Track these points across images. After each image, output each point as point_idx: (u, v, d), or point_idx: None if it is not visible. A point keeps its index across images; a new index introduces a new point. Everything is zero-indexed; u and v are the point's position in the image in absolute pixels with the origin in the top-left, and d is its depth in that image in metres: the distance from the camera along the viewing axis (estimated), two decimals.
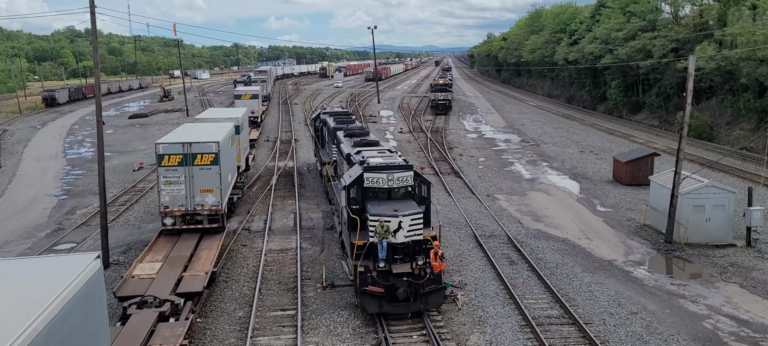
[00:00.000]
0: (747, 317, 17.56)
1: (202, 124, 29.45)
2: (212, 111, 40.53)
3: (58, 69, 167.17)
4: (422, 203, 18.75)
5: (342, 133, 27.07)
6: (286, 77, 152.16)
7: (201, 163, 22.29)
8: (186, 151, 22.20)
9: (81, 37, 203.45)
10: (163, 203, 22.39)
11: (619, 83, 66.14)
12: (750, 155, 39.72)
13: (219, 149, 22.36)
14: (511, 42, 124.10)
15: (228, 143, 25.37)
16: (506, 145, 48.70)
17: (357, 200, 18.58)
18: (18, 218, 29.58)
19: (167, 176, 22.21)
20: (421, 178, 19.28)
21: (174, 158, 22.14)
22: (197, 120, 33.29)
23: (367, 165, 18.79)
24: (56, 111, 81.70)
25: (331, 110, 38.81)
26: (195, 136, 23.29)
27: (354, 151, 22.12)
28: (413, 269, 17.01)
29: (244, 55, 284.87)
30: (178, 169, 22.22)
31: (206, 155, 22.28)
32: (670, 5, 60.21)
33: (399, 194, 18.62)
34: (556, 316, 17.49)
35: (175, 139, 23.24)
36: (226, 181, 24.51)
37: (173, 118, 68.60)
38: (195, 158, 22.23)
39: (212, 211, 22.64)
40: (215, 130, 25.58)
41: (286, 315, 17.73)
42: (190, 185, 22.33)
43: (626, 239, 24.81)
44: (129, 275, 18.29)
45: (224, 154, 23.64)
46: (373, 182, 18.32)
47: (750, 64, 42.67)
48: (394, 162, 19.25)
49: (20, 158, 45.82)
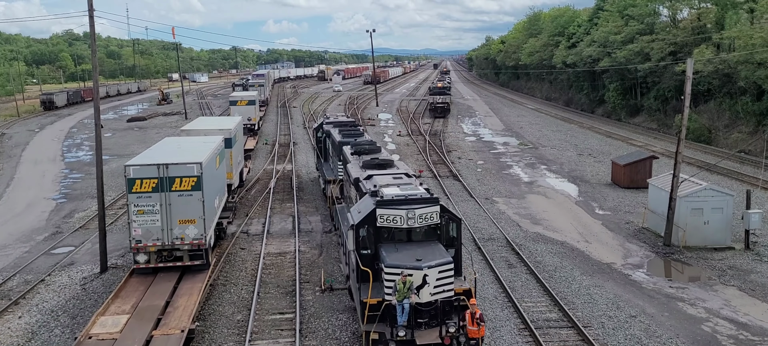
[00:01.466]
0: (746, 320, 17.56)
1: (184, 140, 25.32)
2: (202, 121, 35.72)
3: (56, 72, 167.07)
4: (451, 246, 15.39)
5: (349, 150, 23.69)
6: (284, 80, 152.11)
7: (180, 189, 18.78)
8: (162, 175, 18.64)
9: (79, 40, 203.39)
10: (134, 237, 18.87)
11: (618, 86, 66.24)
12: (748, 158, 39.78)
13: (202, 172, 18.88)
14: (509, 45, 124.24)
15: (214, 162, 21.92)
16: (505, 149, 48.73)
17: (368, 243, 15.15)
18: (16, 221, 29.53)
19: (139, 204, 18.64)
20: (450, 213, 15.73)
21: (147, 183, 18.59)
22: (183, 132, 28.88)
23: (380, 198, 15.26)
24: (54, 114, 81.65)
25: (336, 120, 35.16)
26: (173, 156, 19.85)
27: (364, 175, 18.74)
28: (443, 338, 13.68)
29: (243, 59, 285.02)
30: (152, 196, 18.66)
31: (186, 179, 18.77)
32: (668, 8, 60.34)
33: (421, 234, 15.24)
34: (555, 319, 17.47)
35: (148, 159, 19.73)
36: (212, 207, 21.09)
37: (171, 122, 68.56)
38: (173, 183, 18.72)
39: (194, 245, 19.13)
40: (199, 148, 22.01)
41: (284, 319, 17.70)
42: (167, 215, 18.82)
43: (625, 242, 24.82)
44: (85, 335, 15.04)
45: (209, 177, 20.33)
46: (388, 221, 14.87)
47: (748, 68, 42.74)
48: (415, 194, 15.47)
49: (18, 162, 45.76)
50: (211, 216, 20.55)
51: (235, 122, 31.80)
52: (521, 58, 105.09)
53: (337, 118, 36.68)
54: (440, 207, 15.34)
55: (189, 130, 29.24)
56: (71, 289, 20.20)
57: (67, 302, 19.05)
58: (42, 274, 21.57)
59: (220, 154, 24.24)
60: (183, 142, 24.46)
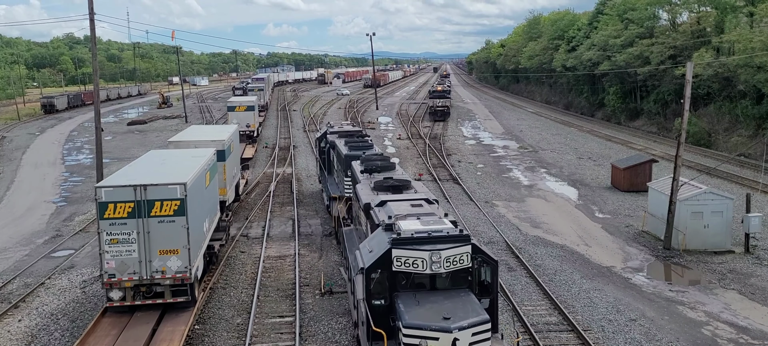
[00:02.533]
0: (746, 324, 17.55)
1: (171, 154, 22.68)
2: (193, 130, 32.08)
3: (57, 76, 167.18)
4: (484, 294, 12.75)
5: (358, 166, 20.87)
6: (283, 84, 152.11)
7: (161, 214, 16.25)
8: (139, 198, 16.07)
9: (80, 43, 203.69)
10: (106, 271, 16.30)
11: (617, 90, 66.30)
12: (748, 162, 39.79)
13: (186, 193, 16.34)
14: (509, 49, 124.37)
15: (203, 180, 19.40)
16: (504, 152, 48.75)
17: (381, 291, 12.52)
18: (16, 224, 29.54)
19: (112, 232, 16.10)
20: (483, 254, 12.76)
21: (122, 207, 16.03)
22: (171, 144, 26.09)
23: (397, 235, 12.60)
24: (55, 118, 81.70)
25: (340, 129, 32.19)
26: (153, 176, 17.35)
27: (376, 200, 15.86)
28: None
29: (243, 62, 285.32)
30: (127, 222, 16.14)
31: (168, 203, 16.27)
32: (667, 12, 60.45)
33: (448, 281, 12.53)
34: (555, 322, 17.47)
35: (123, 179, 17.04)
36: (200, 232, 18.58)
37: (172, 125, 68.59)
38: (152, 207, 16.19)
39: (177, 279, 16.59)
40: (186, 164, 19.39)
41: (284, 322, 17.70)
42: (145, 245, 16.32)
43: (625, 245, 24.82)
44: None
45: (196, 198, 17.83)
46: (407, 265, 12.24)
47: (747, 71, 42.80)
48: (440, 230, 12.64)
49: (19, 165, 45.78)
50: (198, 244, 18.00)
51: (230, 132, 28.96)
52: (521, 62, 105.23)
53: (342, 127, 33.56)
54: (472, 247, 12.50)
55: (178, 141, 26.27)
56: (71, 292, 20.20)
57: (67, 306, 19.05)
58: (42, 277, 21.57)
59: (212, 169, 21.50)
60: (169, 156, 21.81)
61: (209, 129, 34.83)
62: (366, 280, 12.37)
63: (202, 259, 19.15)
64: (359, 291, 12.36)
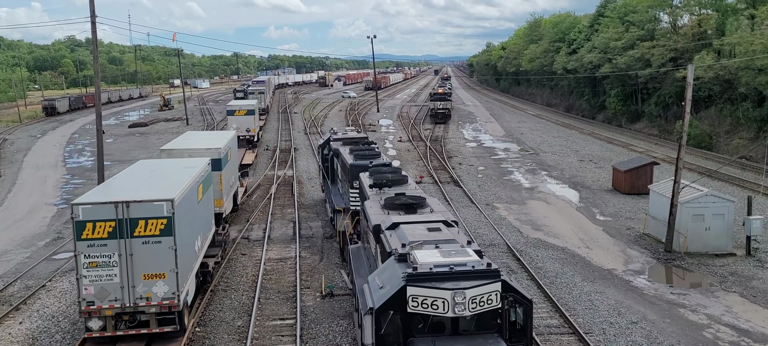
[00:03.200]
0: (747, 327, 17.52)
1: (161, 165, 21.15)
2: (188, 137, 29.70)
3: (58, 78, 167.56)
4: (516, 339, 10.95)
5: (367, 179, 18.98)
6: (283, 87, 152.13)
7: (145, 234, 14.69)
8: (121, 216, 14.50)
9: (81, 46, 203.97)
10: (84, 298, 14.77)
11: (618, 92, 66.31)
12: (749, 164, 39.76)
13: (174, 211, 14.77)
14: (510, 51, 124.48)
15: (195, 194, 17.80)
16: (505, 154, 48.75)
17: (395, 336, 10.63)
18: (17, 227, 29.56)
19: (91, 255, 14.59)
20: (515, 293, 10.83)
21: (102, 227, 14.49)
22: (164, 152, 24.28)
23: (413, 268, 10.62)
24: (56, 120, 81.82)
25: (345, 136, 29.90)
26: (137, 191, 15.81)
27: (387, 221, 13.85)
28: None
29: (244, 65, 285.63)
30: (108, 243, 14.60)
31: (153, 221, 14.69)
32: (668, 15, 60.48)
33: (473, 324, 10.71)
34: (556, 325, 17.44)
35: (103, 196, 15.38)
36: (190, 253, 16.95)
37: (173, 127, 68.66)
38: (135, 226, 14.65)
39: (164, 306, 15.06)
40: (176, 177, 17.77)
41: (285, 324, 17.69)
42: (127, 269, 14.81)
43: (626, 248, 24.80)
44: None
45: (185, 215, 16.14)
46: (425, 306, 10.39)
47: (749, 74, 42.80)
48: (463, 263, 10.71)
49: (20, 167, 45.83)
50: (188, 266, 16.30)
51: (227, 138, 27.26)
52: (522, 64, 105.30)
53: (346, 133, 31.18)
54: (502, 284, 10.55)
55: (170, 150, 24.41)
56: (72, 294, 20.18)
57: (68, 308, 19.04)
58: (43, 280, 21.58)
59: (205, 180, 19.89)
60: (158, 167, 20.32)
61: (206, 135, 32.89)
62: (375, 323, 10.41)
63: (194, 279, 17.52)
64: (368, 335, 10.42)
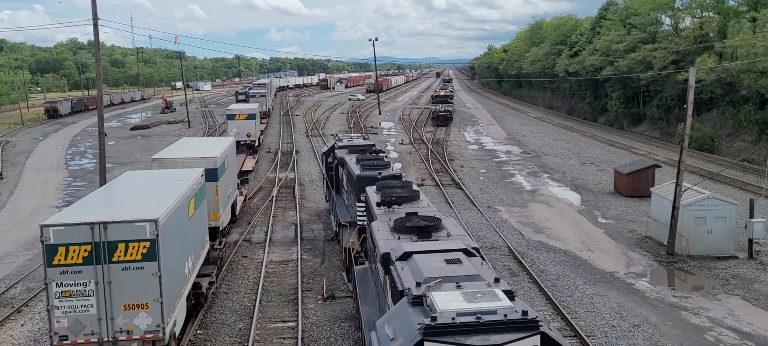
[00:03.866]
0: (749, 330, 17.49)
1: (149, 177, 19.31)
2: (183, 144, 27.64)
3: (60, 81, 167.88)
4: None
5: (374, 195, 17.03)
6: (285, 89, 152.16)
7: (125, 259, 13.08)
8: (98, 238, 12.91)
9: (84, 48, 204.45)
10: (57, 331, 13.24)
11: (620, 95, 66.28)
12: (751, 167, 39.71)
13: (158, 232, 13.12)
14: (511, 54, 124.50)
15: (185, 211, 16.01)
16: (507, 157, 48.73)
17: None
18: (19, 229, 29.60)
19: (64, 283, 12.99)
20: None
21: (76, 251, 12.87)
22: (155, 162, 22.37)
23: (432, 318, 8.30)
24: (58, 122, 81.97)
25: (350, 143, 28.20)
26: (117, 209, 14.24)
27: (397, 249, 11.73)
28: None
29: (246, 67, 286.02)
30: (83, 270, 13.01)
31: (135, 244, 13.07)
32: (670, 17, 60.47)
33: None
34: (558, 328, 17.40)
35: (78, 215, 13.55)
36: (179, 277, 15.09)
37: (175, 130, 68.76)
38: (114, 250, 13.05)
39: (146, 341, 13.53)
40: (162, 192, 15.93)
41: (286, 327, 17.69)
42: (105, 298, 13.18)
43: (628, 250, 24.76)
44: None
45: (173, 236, 14.42)
46: None
47: (750, 76, 42.76)
48: (493, 310, 8.53)
49: (22, 169, 45.91)
50: (175, 292, 14.52)
51: (225, 146, 25.50)
52: (523, 67, 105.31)
53: (352, 140, 29.43)
54: (542, 337, 8.25)
55: (163, 159, 22.57)
56: None
57: None
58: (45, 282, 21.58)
59: (198, 194, 18.00)
60: (146, 180, 18.50)
61: (202, 142, 30.44)
62: None
63: (185, 304, 15.78)
64: None
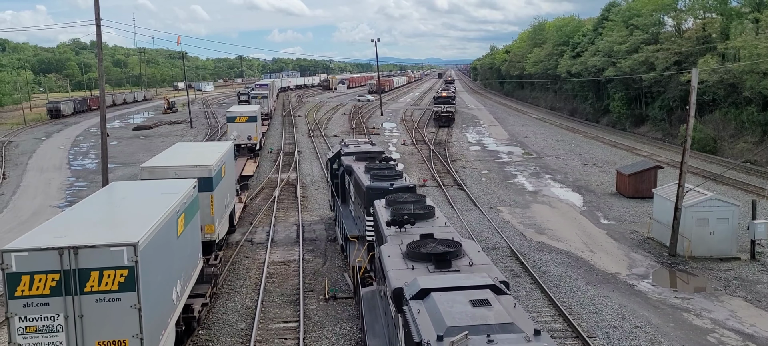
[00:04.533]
0: (752, 331, 17.45)
1: (134, 189, 17.38)
2: (177, 150, 25.54)
3: (63, 81, 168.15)
4: None
5: (383, 210, 15.33)
6: (287, 90, 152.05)
7: (100, 289, 11.36)
8: (68, 265, 11.23)
9: (86, 49, 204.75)
10: None
11: (622, 96, 66.22)
12: (754, 168, 39.65)
13: (138, 258, 11.41)
14: (513, 55, 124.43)
15: (172, 229, 14.32)
16: (509, 158, 48.70)
17: None
18: (22, 229, 29.62)
19: (29, 317, 11.29)
20: None
21: (42, 281, 11.19)
22: (144, 171, 20.37)
23: None
24: (61, 122, 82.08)
25: (357, 149, 25.49)
26: (91, 231, 12.43)
27: (412, 284, 9.81)
28: None
29: (248, 68, 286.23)
30: (50, 302, 11.29)
31: (110, 272, 11.36)
32: (672, 18, 60.41)
33: None
34: (560, 329, 17.40)
35: (45, 239, 11.77)
36: (165, 305, 13.38)
37: (177, 130, 68.84)
38: (86, 279, 11.32)
39: None
40: (146, 208, 14.17)
41: (288, 327, 17.70)
42: (77, 335, 11.47)
43: (630, 251, 24.73)
44: None
45: (157, 260, 12.80)
46: None
47: (753, 77, 42.70)
48: None
49: (24, 169, 45.97)
50: (160, 324, 12.87)
51: (222, 152, 23.61)
52: (526, 68, 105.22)
53: (359, 146, 26.62)
54: None
55: (153, 167, 20.60)
56: None
57: None
58: None
59: (189, 208, 16.17)
60: (131, 193, 16.43)
61: (197, 148, 28.41)
62: None
63: (173, 332, 14.18)
64: None
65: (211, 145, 30.85)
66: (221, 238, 22.56)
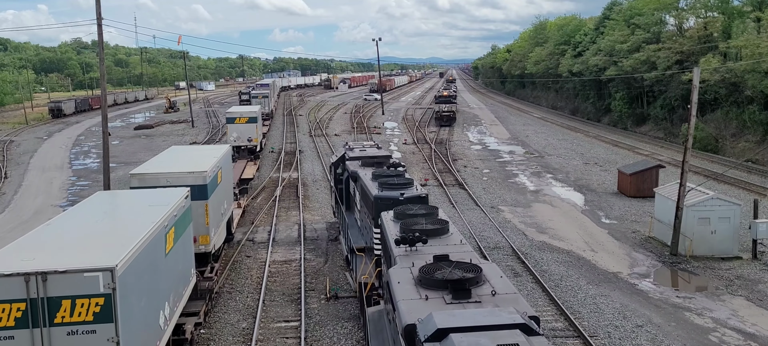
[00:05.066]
0: (753, 331, 17.44)
1: (120, 201, 16.19)
2: (171, 155, 23.74)
3: (64, 80, 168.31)
4: None
5: (392, 226, 13.67)
6: (287, 89, 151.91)
7: (72, 321, 10.04)
8: (35, 294, 9.94)
9: (88, 48, 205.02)
10: None
11: (624, 95, 66.16)
12: (755, 167, 39.61)
13: (116, 285, 10.08)
14: (515, 54, 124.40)
15: (160, 247, 12.93)
16: (510, 157, 48.69)
17: None
18: (23, 228, 29.65)
19: None
20: None
21: (6, 311, 9.91)
22: (134, 178, 18.66)
23: None
24: (62, 122, 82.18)
25: (363, 154, 23.66)
26: (61, 255, 10.84)
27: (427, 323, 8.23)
28: None
29: (249, 67, 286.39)
30: (15, 335, 10.04)
31: (84, 302, 10.03)
32: (674, 17, 60.34)
33: None
34: (561, 328, 17.40)
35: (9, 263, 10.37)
36: (150, 331, 12.14)
37: (178, 130, 68.90)
38: (56, 309, 10.01)
39: None
40: (130, 224, 12.93)
41: (289, 326, 17.71)
42: None
43: (631, 251, 24.72)
44: None
45: (140, 284, 11.47)
46: None
47: (755, 76, 42.66)
48: None
49: (26, 169, 46.04)
50: None
51: (218, 156, 21.85)
52: (527, 67, 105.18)
53: (365, 150, 24.91)
54: None
55: (144, 174, 18.94)
56: None
57: None
58: None
59: (180, 221, 14.66)
60: (116, 206, 14.98)
61: (192, 152, 26.22)
62: None
63: None
64: None
65: (207, 148, 29.43)
66: (217, 248, 21.07)
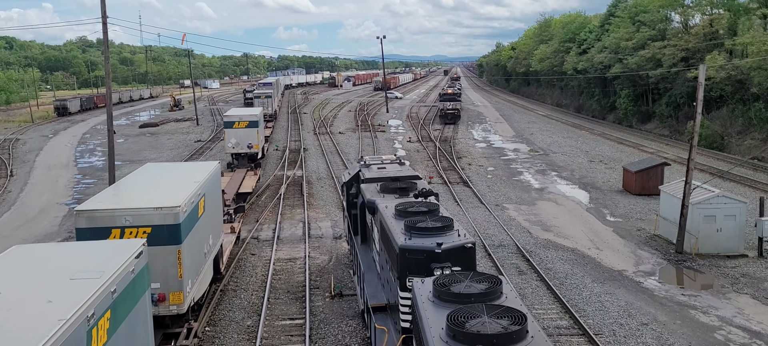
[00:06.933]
0: (759, 329, 17.38)
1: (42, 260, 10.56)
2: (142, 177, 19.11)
3: (69, 79, 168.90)
4: None
5: (428, 298, 9.45)
6: (291, 88, 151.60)
7: None
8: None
9: (93, 47, 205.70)
10: None
11: (629, 93, 65.96)
12: (761, 165, 39.44)
13: None
14: (519, 51, 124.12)
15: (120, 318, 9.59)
16: (515, 155, 48.61)
17: None
18: (29, 226, 29.82)
19: None
20: None
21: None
22: (83, 215, 14.08)
23: None
24: (68, 120, 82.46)
25: (382, 172, 18.53)
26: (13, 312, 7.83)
27: None
28: None
29: (254, 65, 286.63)
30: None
31: None
32: (680, 15, 60.10)
33: None
34: (566, 327, 17.38)
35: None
36: None
37: (183, 128, 69.02)
38: None
39: None
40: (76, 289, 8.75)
41: (294, 324, 17.74)
42: None
43: (636, 249, 24.66)
44: None
45: None
46: None
47: (761, 74, 42.47)
48: None
49: (32, 167, 46.22)
50: None
51: (201, 180, 17.30)
52: (532, 65, 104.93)
53: (383, 168, 19.47)
54: None
55: (93, 212, 14.32)
56: None
57: None
58: None
59: (125, 298, 9.93)
60: (36, 269, 9.96)
61: (170, 174, 19.97)
62: None
63: None
64: None
65: (190, 168, 23.20)
66: (198, 298, 16.50)
